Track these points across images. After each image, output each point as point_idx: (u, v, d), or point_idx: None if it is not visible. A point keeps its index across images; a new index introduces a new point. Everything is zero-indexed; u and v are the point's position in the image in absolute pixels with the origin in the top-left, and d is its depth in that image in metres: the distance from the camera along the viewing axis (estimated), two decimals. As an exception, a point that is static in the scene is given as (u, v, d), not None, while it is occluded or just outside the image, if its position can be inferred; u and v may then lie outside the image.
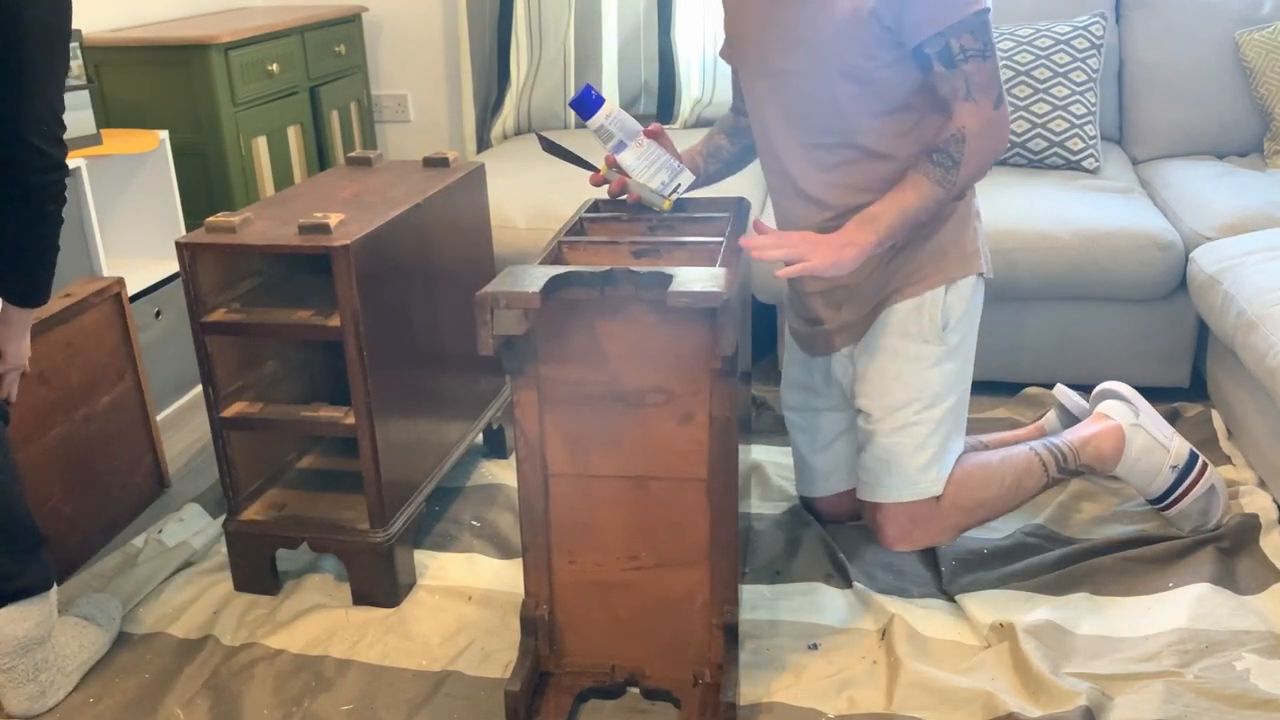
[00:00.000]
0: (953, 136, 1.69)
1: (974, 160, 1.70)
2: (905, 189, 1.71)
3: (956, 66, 1.67)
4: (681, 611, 1.62)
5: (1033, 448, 1.95)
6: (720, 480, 1.54)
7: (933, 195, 1.71)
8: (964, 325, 1.85)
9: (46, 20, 1.43)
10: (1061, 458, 1.94)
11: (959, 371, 1.86)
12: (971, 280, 1.83)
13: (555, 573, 1.63)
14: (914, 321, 1.81)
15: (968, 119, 1.68)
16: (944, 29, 1.64)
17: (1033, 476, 1.91)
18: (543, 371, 1.53)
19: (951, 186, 1.71)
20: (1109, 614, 1.76)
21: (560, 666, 1.67)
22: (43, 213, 1.48)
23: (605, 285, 1.46)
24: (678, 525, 1.58)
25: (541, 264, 1.57)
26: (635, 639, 1.64)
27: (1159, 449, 1.97)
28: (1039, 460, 1.92)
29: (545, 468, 1.58)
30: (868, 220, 1.70)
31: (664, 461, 1.55)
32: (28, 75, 1.42)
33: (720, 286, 1.38)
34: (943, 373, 1.83)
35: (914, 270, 1.81)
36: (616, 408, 1.53)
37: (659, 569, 1.60)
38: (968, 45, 1.65)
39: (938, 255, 1.81)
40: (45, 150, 1.44)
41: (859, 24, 1.65)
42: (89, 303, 2.07)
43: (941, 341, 1.82)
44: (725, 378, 1.48)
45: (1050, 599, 1.80)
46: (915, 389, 1.82)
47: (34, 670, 1.62)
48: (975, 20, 1.65)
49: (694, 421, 1.52)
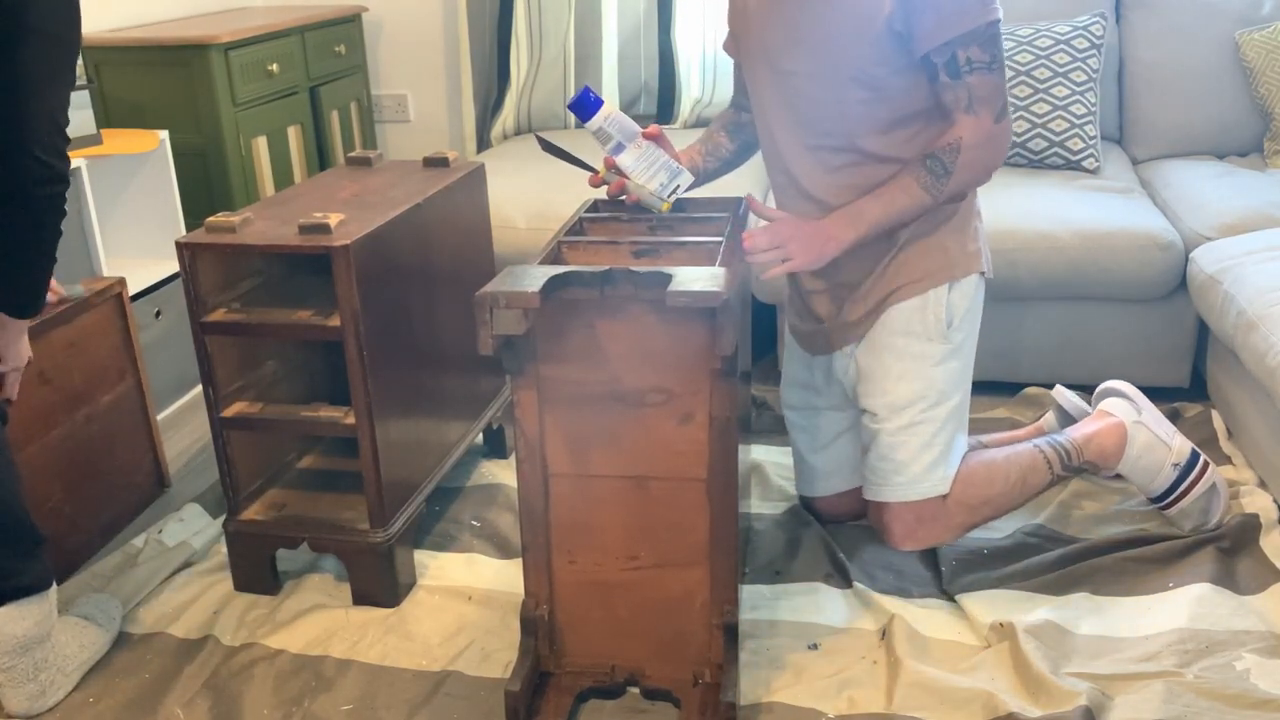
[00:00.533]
0: (949, 145, 1.69)
1: (966, 172, 1.70)
2: (895, 190, 1.71)
3: (961, 78, 1.66)
4: (681, 611, 1.62)
5: (1037, 445, 1.95)
6: (720, 480, 1.54)
7: (920, 201, 1.71)
8: (967, 323, 1.85)
9: (48, 27, 1.41)
10: (1065, 455, 1.94)
11: (962, 370, 1.86)
12: (974, 279, 1.83)
13: (555, 573, 1.63)
14: (918, 320, 1.81)
15: (966, 130, 1.68)
16: (952, 38, 1.63)
17: (1037, 473, 1.91)
18: (543, 371, 1.53)
19: (940, 194, 1.71)
20: (1109, 614, 1.76)
21: (560, 666, 1.67)
22: (41, 224, 1.45)
23: (605, 285, 1.46)
24: (677, 525, 1.57)
25: (541, 264, 1.57)
26: (635, 639, 1.64)
27: (1161, 446, 1.97)
28: (1043, 457, 1.92)
29: (545, 468, 1.58)
30: (854, 216, 1.71)
31: (664, 461, 1.55)
32: (26, 82, 1.40)
33: (720, 286, 1.37)
34: (947, 371, 1.83)
35: (917, 269, 1.81)
36: (616, 408, 1.53)
37: (659, 569, 1.60)
38: (975, 57, 1.65)
39: (940, 254, 1.81)
40: (45, 161, 1.41)
41: (874, 27, 1.64)
42: (91, 302, 2.07)
43: (946, 340, 1.82)
44: (725, 378, 1.48)
45: (1050, 599, 1.80)
46: (920, 387, 1.82)
47: (34, 669, 1.62)
48: (986, 32, 1.64)
49: (694, 421, 1.52)
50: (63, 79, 1.45)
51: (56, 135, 1.44)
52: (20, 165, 1.40)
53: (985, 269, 1.86)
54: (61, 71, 1.44)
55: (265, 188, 3.03)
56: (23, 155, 1.40)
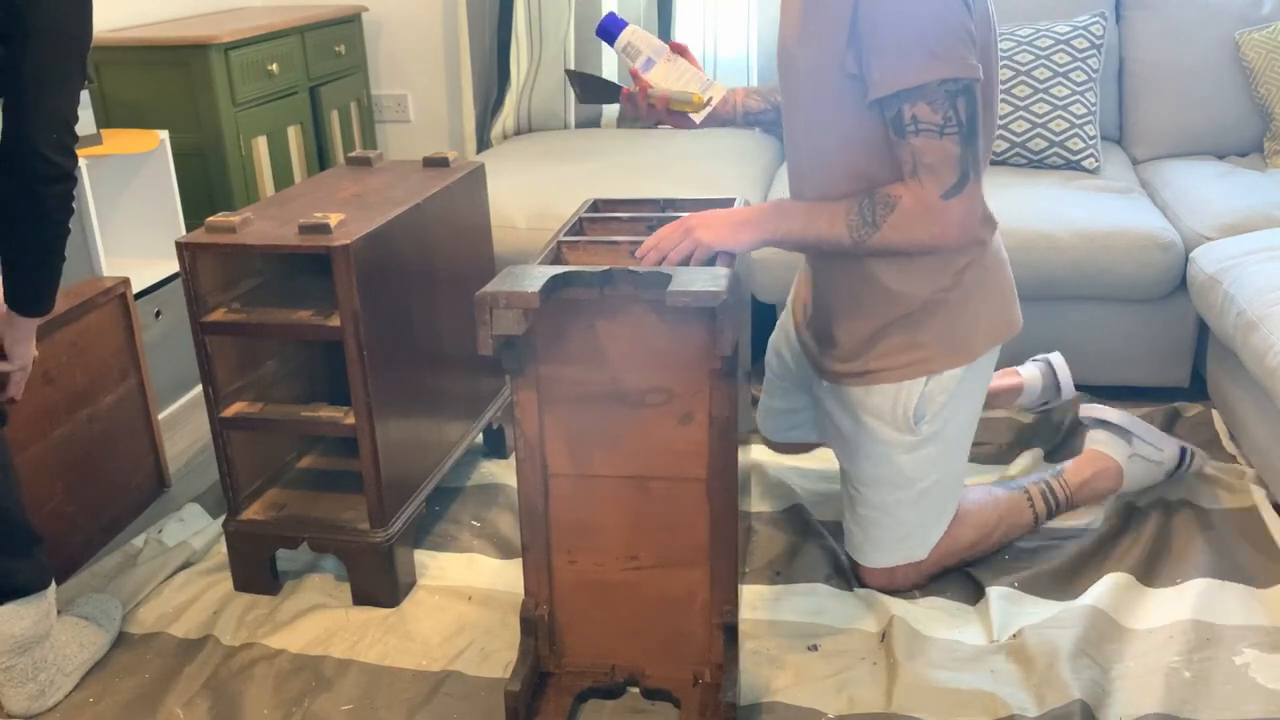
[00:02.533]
0: (887, 197, 1.53)
1: (894, 234, 1.53)
2: (824, 213, 1.58)
3: (905, 137, 1.49)
4: (681, 611, 1.62)
5: (1025, 489, 1.94)
6: (720, 480, 1.54)
7: (839, 238, 1.56)
8: (948, 411, 1.73)
9: (58, 26, 1.42)
10: (1054, 502, 1.95)
11: (941, 453, 1.75)
12: (958, 372, 1.71)
13: (555, 573, 1.63)
14: (888, 408, 1.72)
15: (907, 195, 1.52)
16: (897, 92, 1.47)
17: (1020, 518, 1.92)
18: (543, 372, 1.53)
19: (861, 243, 1.55)
20: (1112, 610, 1.76)
21: (560, 666, 1.67)
22: (49, 222, 1.46)
23: (605, 285, 1.46)
24: (677, 525, 1.57)
25: (541, 264, 1.57)
26: (635, 639, 1.64)
27: (1154, 467, 2.00)
28: (1028, 503, 1.92)
29: (545, 468, 1.58)
30: (782, 215, 1.60)
31: (664, 461, 1.54)
32: (35, 81, 1.40)
33: (720, 286, 1.37)
34: (918, 459, 1.74)
35: (896, 358, 1.70)
36: (616, 408, 1.53)
37: (659, 569, 1.60)
38: (922, 117, 1.47)
39: (922, 347, 1.69)
40: (51, 159, 1.42)
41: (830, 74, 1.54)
42: (94, 303, 2.07)
43: (914, 432, 1.73)
44: (725, 378, 1.48)
45: (1051, 598, 1.80)
46: (888, 473, 1.75)
47: (33, 669, 1.62)
48: (937, 90, 1.45)
49: (694, 421, 1.52)
50: (73, 78, 1.45)
51: (65, 134, 1.44)
52: (29, 164, 1.41)
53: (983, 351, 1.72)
54: (72, 71, 1.44)
55: (265, 188, 3.03)
56: (31, 154, 1.40)
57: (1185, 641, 1.67)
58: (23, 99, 1.40)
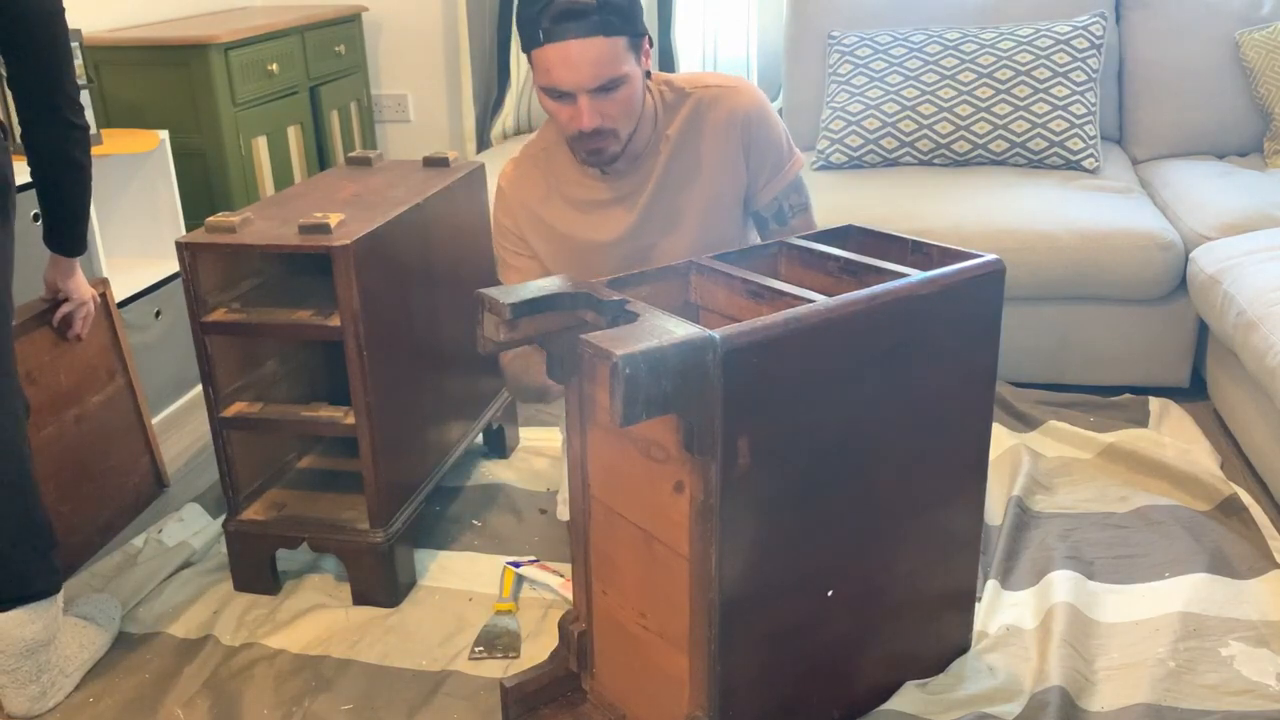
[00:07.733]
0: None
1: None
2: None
3: (787, 223, 1.82)
4: (672, 694, 1.44)
5: None
6: (699, 567, 1.30)
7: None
8: None
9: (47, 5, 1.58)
10: None
11: None
12: None
13: (593, 597, 1.53)
14: None
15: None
16: (779, 192, 1.79)
17: None
18: (585, 388, 1.42)
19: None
20: (1101, 601, 1.77)
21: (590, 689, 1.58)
22: (80, 171, 1.70)
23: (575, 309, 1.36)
24: (670, 600, 1.38)
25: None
26: (644, 699, 1.50)
27: None
28: None
29: (586, 485, 1.48)
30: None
31: (664, 526, 1.36)
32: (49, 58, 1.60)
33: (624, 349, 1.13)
34: None
35: None
36: (632, 449, 1.37)
37: (660, 637, 1.43)
38: (795, 202, 1.81)
39: None
40: (73, 121, 1.64)
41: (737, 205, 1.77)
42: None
43: None
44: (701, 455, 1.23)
45: (1041, 589, 1.79)
46: None
47: (36, 672, 1.62)
48: (798, 179, 1.81)
49: (684, 493, 1.30)
50: (67, 45, 1.65)
51: (77, 94, 1.66)
52: (57, 131, 1.64)
53: None
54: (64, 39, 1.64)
55: (265, 188, 3.03)
56: (57, 121, 1.64)
57: (1172, 634, 1.68)
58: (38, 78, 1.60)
